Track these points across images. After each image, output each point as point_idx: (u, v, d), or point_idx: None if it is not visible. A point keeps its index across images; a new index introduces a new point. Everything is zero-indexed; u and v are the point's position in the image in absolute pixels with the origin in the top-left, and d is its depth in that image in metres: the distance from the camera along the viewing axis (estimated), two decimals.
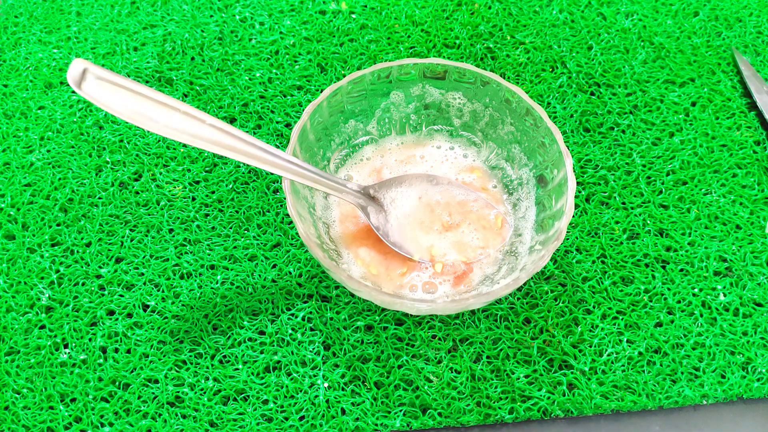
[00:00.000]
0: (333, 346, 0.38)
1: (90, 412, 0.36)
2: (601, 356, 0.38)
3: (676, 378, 0.38)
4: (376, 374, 0.37)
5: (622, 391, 0.37)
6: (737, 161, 0.45)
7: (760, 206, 0.43)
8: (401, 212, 0.39)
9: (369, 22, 0.50)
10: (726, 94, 0.48)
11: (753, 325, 0.39)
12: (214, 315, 0.39)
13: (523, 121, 0.39)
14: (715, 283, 0.41)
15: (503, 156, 0.41)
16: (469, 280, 0.38)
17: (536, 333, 0.39)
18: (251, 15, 0.50)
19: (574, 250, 0.41)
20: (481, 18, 0.51)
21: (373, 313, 0.39)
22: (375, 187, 0.39)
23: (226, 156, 0.32)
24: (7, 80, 0.47)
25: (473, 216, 0.40)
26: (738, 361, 0.38)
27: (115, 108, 0.30)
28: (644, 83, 0.48)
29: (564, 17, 0.51)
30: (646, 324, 0.39)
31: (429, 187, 0.40)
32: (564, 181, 0.35)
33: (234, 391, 0.37)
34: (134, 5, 0.51)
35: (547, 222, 0.37)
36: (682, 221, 0.43)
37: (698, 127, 0.47)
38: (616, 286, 0.40)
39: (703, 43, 0.50)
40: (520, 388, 0.37)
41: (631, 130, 0.46)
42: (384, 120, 0.42)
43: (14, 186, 0.43)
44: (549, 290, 0.40)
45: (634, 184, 0.44)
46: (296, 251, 0.41)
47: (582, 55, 0.49)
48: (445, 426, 0.36)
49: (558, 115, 0.47)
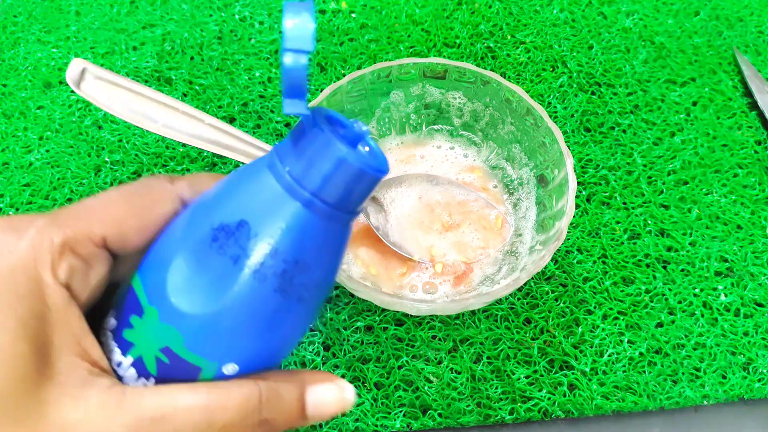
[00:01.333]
0: (333, 347, 0.38)
1: None
2: (601, 357, 0.38)
3: (677, 378, 0.37)
4: (376, 375, 0.37)
5: (623, 391, 0.37)
6: (738, 161, 0.45)
7: (761, 206, 0.43)
8: (401, 212, 0.39)
9: (369, 22, 0.50)
10: (727, 93, 0.48)
11: (754, 325, 0.39)
12: None
13: (523, 121, 0.38)
14: (717, 283, 0.40)
15: (504, 156, 0.41)
16: (470, 280, 0.38)
17: (537, 333, 0.38)
18: (251, 14, 0.50)
19: (575, 250, 0.41)
20: (482, 17, 0.51)
21: (373, 314, 0.39)
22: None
23: (226, 156, 0.32)
24: (6, 80, 0.47)
25: (473, 216, 0.39)
26: (739, 361, 0.38)
27: (114, 108, 0.30)
28: (645, 83, 0.48)
29: (565, 17, 0.51)
30: (647, 324, 0.39)
31: (429, 187, 0.40)
32: (565, 181, 0.35)
33: None
34: (133, 4, 0.51)
35: (547, 222, 0.37)
36: (683, 221, 0.42)
37: (699, 126, 0.46)
38: (617, 287, 0.40)
39: (704, 43, 0.50)
40: (521, 388, 0.37)
41: (632, 129, 0.46)
42: (384, 120, 0.41)
43: (13, 186, 0.43)
44: (550, 290, 0.40)
45: (635, 184, 0.44)
46: None
47: (583, 55, 0.49)
48: (446, 427, 0.36)
49: (559, 114, 0.47)
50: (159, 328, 0.20)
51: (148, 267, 0.21)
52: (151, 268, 0.21)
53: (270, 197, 0.20)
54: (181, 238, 0.21)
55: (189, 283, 0.20)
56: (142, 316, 0.20)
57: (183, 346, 0.20)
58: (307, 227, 0.20)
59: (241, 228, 0.20)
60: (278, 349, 0.22)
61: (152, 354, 0.20)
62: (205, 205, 0.21)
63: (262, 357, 0.22)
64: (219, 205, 0.21)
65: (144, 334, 0.20)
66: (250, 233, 0.20)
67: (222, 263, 0.20)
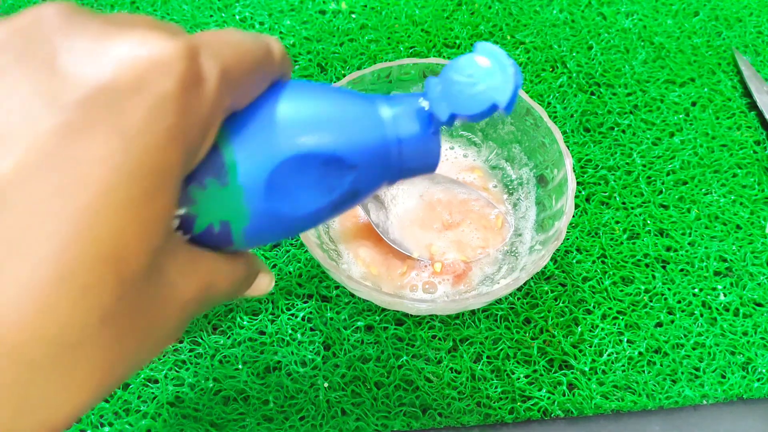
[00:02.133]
0: (333, 347, 0.38)
1: (89, 412, 0.36)
2: (601, 356, 0.38)
3: (677, 378, 0.38)
4: (376, 374, 0.37)
5: (622, 391, 0.37)
6: (737, 161, 0.45)
7: (760, 206, 0.43)
8: (402, 210, 0.39)
9: (369, 22, 0.50)
10: (726, 94, 0.48)
11: (753, 325, 0.39)
12: (214, 315, 0.39)
13: (523, 121, 0.38)
14: (716, 283, 0.41)
15: (503, 156, 0.41)
16: (469, 280, 0.38)
17: (536, 333, 0.39)
18: (251, 15, 0.50)
19: (575, 250, 0.41)
20: (482, 18, 0.51)
21: (373, 313, 0.39)
22: None
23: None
24: None
25: (474, 215, 0.40)
26: (738, 361, 0.38)
27: None
28: (644, 83, 0.48)
29: (564, 17, 0.51)
30: (647, 324, 0.39)
31: (430, 186, 0.40)
32: (564, 180, 0.35)
33: (234, 392, 0.37)
34: (134, 5, 0.51)
35: (547, 222, 0.37)
36: (683, 221, 0.43)
37: (698, 127, 0.47)
38: (617, 286, 0.40)
39: (704, 43, 0.50)
40: (521, 388, 0.37)
41: (631, 130, 0.46)
42: None
43: None
44: (549, 290, 0.40)
45: (634, 184, 0.44)
46: (296, 251, 0.41)
47: (582, 55, 0.49)
48: (446, 426, 0.36)
49: (558, 114, 0.47)
50: (235, 205, 0.20)
51: (250, 146, 0.20)
52: (255, 152, 0.20)
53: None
54: (295, 142, 0.20)
55: (286, 185, 0.20)
56: (223, 186, 0.20)
57: (242, 230, 0.20)
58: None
59: (351, 169, 0.21)
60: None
61: (209, 219, 0.20)
62: (326, 122, 0.21)
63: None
64: (337, 134, 0.21)
65: (214, 201, 0.20)
66: (359, 177, 0.21)
67: (321, 185, 0.21)
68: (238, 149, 0.20)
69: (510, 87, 0.20)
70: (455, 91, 0.21)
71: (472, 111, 0.21)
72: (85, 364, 0.15)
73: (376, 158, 0.22)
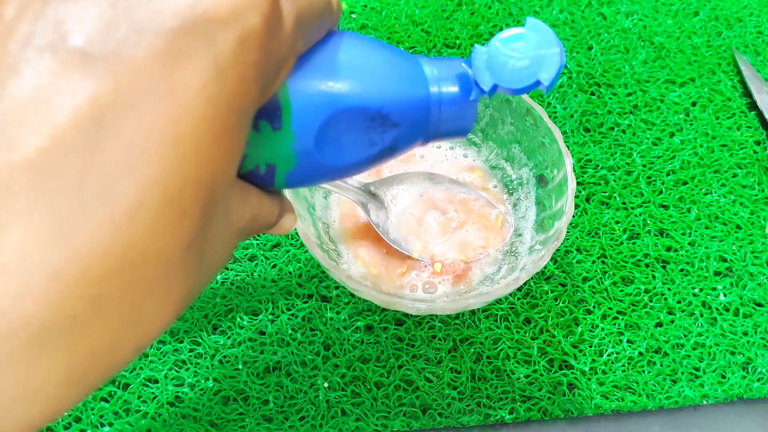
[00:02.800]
0: (333, 347, 0.38)
1: (89, 412, 0.36)
2: (601, 356, 0.38)
3: (677, 378, 0.38)
4: (376, 374, 0.37)
5: (622, 391, 0.37)
6: (737, 161, 0.45)
7: (760, 206, 0.43)
8: (402, 210, 0.39)
9: (369, 22, 0.50)
10: (726, 93, 0.48)
11: (753, 325, 0.39)
12: (214, 315, 0.39)
13: (523, 121, 0.38)
14: (716, 283, 0.41)
15: (503, 156, 0.41)
16: (469, 280, 0.38)
17: (536, 333, 0.39)
18: None
19: (575, 250, 0.41)
20: (482, 18, 0.51)
21: (373, 313, 0.39)
22: (376, 184, 0.39)
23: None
24: None
25: (474, 215, 0.40)
26: (738, 361, 0.38)
27: None
28: (644, 83, 0.48)
29: (564, 17, 0.51)
30: (647, 324, 0.39)
31: (430, 186, 0.40)
32: (564, 180, 0.35)
33: (234, 392, 0.37)
34: None
35: (547, 222, 0.37)
36: (683, 221, 0.43)
37: (698, 127, 0.47)
38: (617, 286, 0.40)
39: (704, 43, 0.50)
40: (521, 388, 0.37)
41: (631, 130, 0.46)
42: None
43: None
44: (549, 290, 0.40)
45: (634, 184, 0.44)
46: (296, 251, 0.41)
47: (582, 55, 0.49)
48: (446, 426, 0.36)
49: (558, 115, 0.47)
50: (283, 150, 0.20)
51: (306, 95, 0.20)
52: (310, 101, 0.20)
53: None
54: (348, 95, 0.21)
55: (333, 136, 0.21)
56: (275, 131, 0.20)
57: (285, 174, 0.21)
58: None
59: (394, 127, 0.22)
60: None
61: (257, 161, 0.20)
62: (379, 81, 0.22)
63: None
64: (387, 90, 0.21)
65: (265, 143, 0.20)
66: (399, 134, 0.22)
67: (364, 139, 0.21)
68: (294, 97, 0.20)
69: (555, 66, 0.21)
70: (500, 62, 0.21)
71: (515, 85, 0.21)
72: (176, 285, 0.16)
73: (419, 118, 0.22)
